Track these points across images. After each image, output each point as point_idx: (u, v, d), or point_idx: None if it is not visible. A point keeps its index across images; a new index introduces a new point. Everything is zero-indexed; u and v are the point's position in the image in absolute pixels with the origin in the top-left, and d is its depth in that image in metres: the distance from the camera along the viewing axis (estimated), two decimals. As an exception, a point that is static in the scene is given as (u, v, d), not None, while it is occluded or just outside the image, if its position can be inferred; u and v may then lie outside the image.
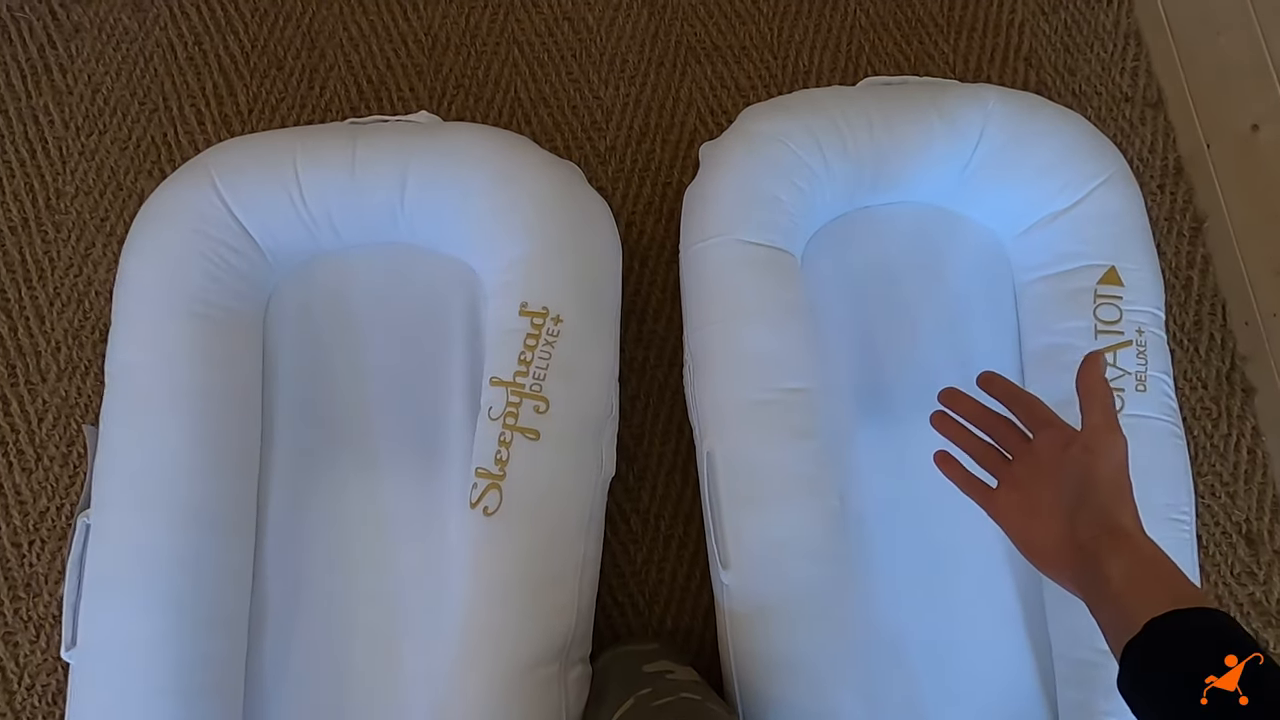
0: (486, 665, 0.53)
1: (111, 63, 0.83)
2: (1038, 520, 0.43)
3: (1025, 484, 0.45)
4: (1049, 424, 0.46)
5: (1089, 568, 0.40)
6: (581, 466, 0.60)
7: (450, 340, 0.68)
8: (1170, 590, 0.38)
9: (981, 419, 0.50)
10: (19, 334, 0.76)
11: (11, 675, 0.68)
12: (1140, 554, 0.40)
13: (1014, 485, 0.46)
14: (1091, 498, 0.42)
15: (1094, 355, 0.46)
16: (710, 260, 0.64)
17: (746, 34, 0.87)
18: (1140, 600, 0.37)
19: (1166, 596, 0.37)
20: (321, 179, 0.64)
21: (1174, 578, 0.39)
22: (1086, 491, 0.42)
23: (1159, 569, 0.39)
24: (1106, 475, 0.43)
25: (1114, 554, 0.39)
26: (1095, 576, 0.40)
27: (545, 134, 0.83)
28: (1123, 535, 0.40)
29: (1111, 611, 0.39)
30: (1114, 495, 0.42)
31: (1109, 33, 0.88)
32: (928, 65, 0.86)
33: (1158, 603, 0.37)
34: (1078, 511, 0.42)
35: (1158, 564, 0.40)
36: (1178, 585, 0.38)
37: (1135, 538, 0.41)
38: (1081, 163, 0.66)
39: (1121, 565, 0.39)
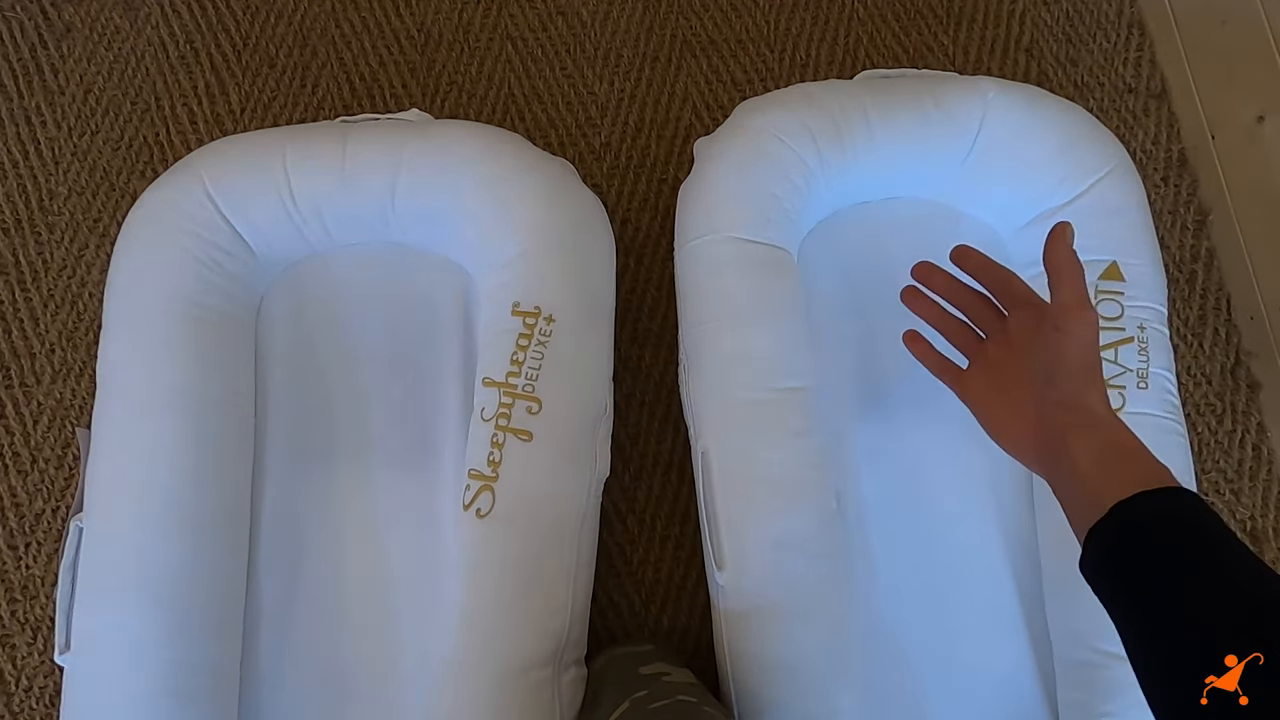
0: (480, 669, 0.53)
1: (103, 62, 0.83)
2: (1005, 400, 0.42)
3: (997, 364, 0.43)
4: (1025, 302, 0.43)
5: (1055, 449, 0.39)
6: (575, 467, 0.59)
7: (443, 340, 0.67)
8: (1137, 471, 0.36)
9: (956, 295, 0.47)
10: (13, 336, 0.76)
11: (9, 678, 0.68)
12: (1107, 435, 0.38)
13: (985, 365, 0.44)
14: (1060, 378, 0.41)
15: (1060, 226, 0.43)
16: (704, 258, 0.64)
17: (743, 27, 0.86)
18: (1106, 482, 0.36)
19: (1133, 477, 0.36)
20: (311, 178, 0.64)
21: (1141, 457, 0.37)
22: (1055, 371, 0.41)
23: (1126, 449, 0.38)
24: (1075, 355, 0.41)
25: (1080, 435, 0.38)
26: (1061, 458, 0.38)
27: (539, 130, 0.82)
28: (1090, 416, 0.39)
29: (1077, 492, 0.37)
30: (1083, 376, 0.41)
31: (1111, 22, 0.86)
32: (926, 57, 0.85)
33: (1124, 484, 0.35)
34: (1046, 392, 0.41)
35: (1124, 444, 0.38)
36: (1144, 465, 0.37)
37: (1103, 418, 0.39)
38: (1083, 156, 0.65)
39: (1088, 446, 0.38)
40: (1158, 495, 0.35)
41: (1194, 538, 0.34)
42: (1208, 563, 0.33)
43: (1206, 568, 0.33)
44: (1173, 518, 0.34)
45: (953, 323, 0.47)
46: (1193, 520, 0.34)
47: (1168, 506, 0.35)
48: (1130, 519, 0.35)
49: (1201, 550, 0.33)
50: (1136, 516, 0.35)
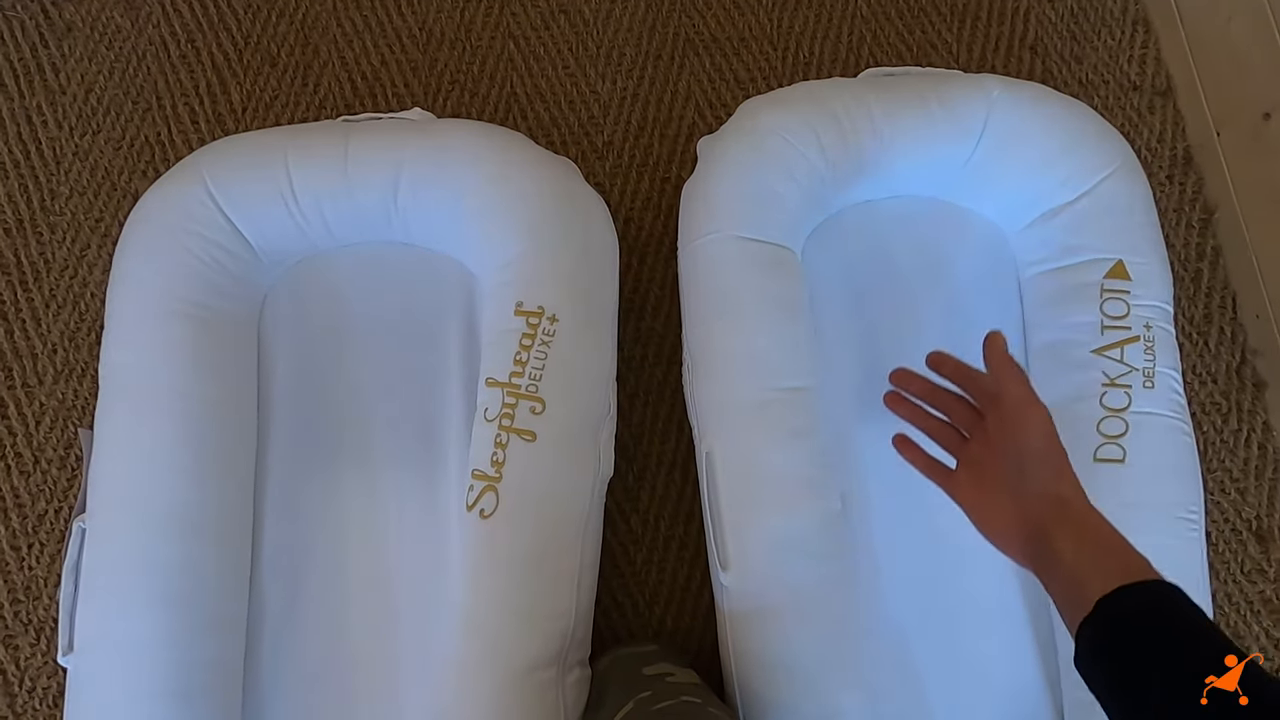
0: (484, 670, 0.53)
1: (104, 61, 0.83)
2: (989, 497, 0.44)
3: (979, 462, 0.45)
4: (994, 398, 0.45)
5: (1038, 543, 0.40)
6: (579, 467, 0.59)
7: (446, 340, 0.67)
8: (1118, 563, 0.37)
9: (935, 398, 0.49)
10: (15, 337, 0.75)
11: (13, 678, 0.68)
12: (1085, 525, 0.40)
13: (969, 464, 0.46)
14: (1029, 471, 0.42)
15: (992, 334, 0.46)
16: (708, 257, 0.63)
17: (745, 25, 0.85)
18: (1089, 576, 0.37)
19: (1115, 570, 0.37)
20: (314, 178, 0.63)
21: (1119, 549, 0.39)
22: (1024, 466, 0.43)
23: (1104, 540, 0.39)
24: (1036, 447, 0.43)
25: (1060, 528, 0.39)
26: (1044, 552, 0.40)
27: (542, 129, 0.82)
28: (1066, 507, 0.40)
29: (1063, 587, 0.39)
30: (1048, 466, 0.42)
31: (1116, 19, 0.86)
32: (930, 55, 0.85)
33: (1106, 577, 0.36)
34: (1020, 487, 0.42)
35: (1102, 535, 0.39)
36: (1124, 557, 0.38)
37: (1078, 508, 0.41)
38: (1088, 154, 0.65)
39: (1068, 539, 0.39)
40: (1139, 589, 0.36)
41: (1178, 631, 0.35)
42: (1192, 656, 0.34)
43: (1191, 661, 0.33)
44: (1154, 610, 0.36)
45: (935, 423, 0.49)
46: (1173, 612, 0.36)
47: (1150, 600, 0.36)
48: (1116, 614, 0.36)
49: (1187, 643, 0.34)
50: (1122, 612, 0.36)
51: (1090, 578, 0.37)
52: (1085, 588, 0.37)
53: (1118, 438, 0.60)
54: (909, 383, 0.50)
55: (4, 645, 0.68)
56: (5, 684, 0.68)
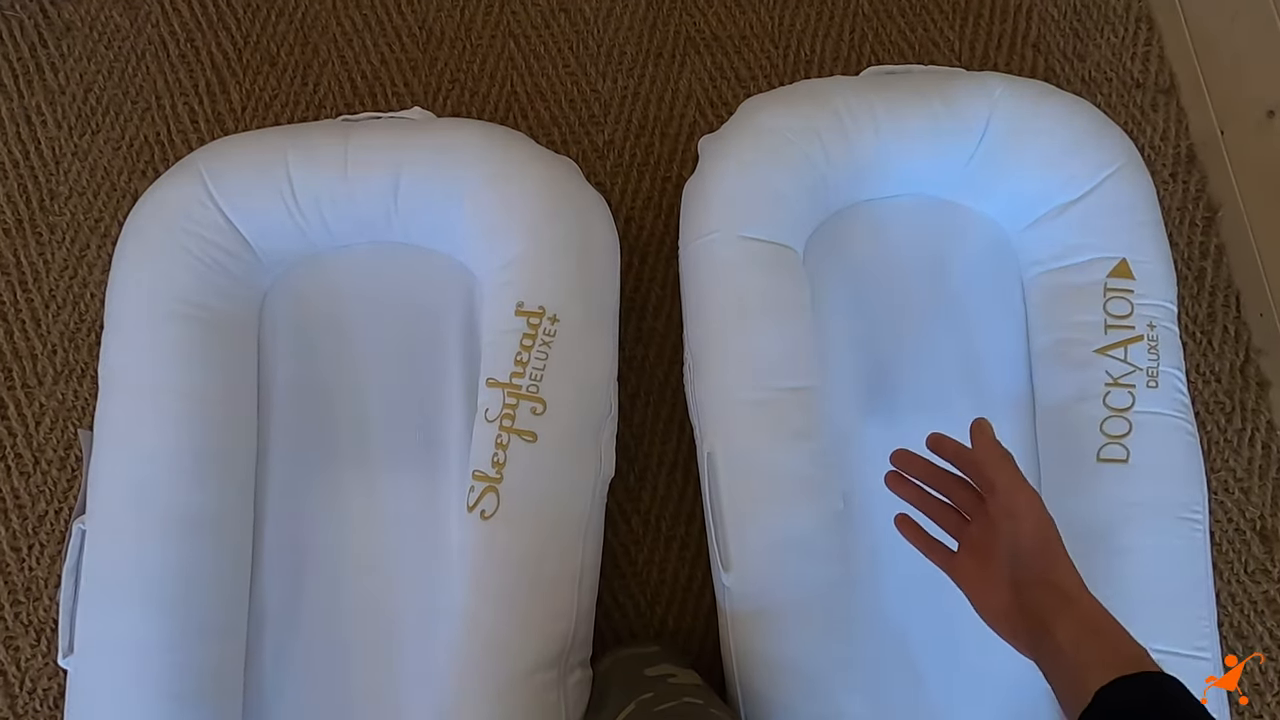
0: (485, 672, 0.53)
1: (103, 61, 0.82)
2: (989, 583, 0.43)
3: (980, 546, 0.45)
4: (992, 488, 0.45)
5: (1036, 631, 0.41)
6: (580, 468, 0.59)
7: (446, 340, 0.67)
8: (1117, 653, 0.38)
9: (935, 480, 0.49)
10: (15, 337, 0.75)
11: (13, 679, 0.68)
12: (1083, 616, 0.40)
13: (970, 547, 0.46)
14: (1025, 559, 0.42)
15: (977, 423, 0.46)
16: (709, 256, 0.63)
17: (747, 23, 0.85)
18: (1087, 665, 0.37)
19: (1114, 661, 0.37)
20: (313, 178, 0.63)
21: (1118, 639, 0.39)
22: (1019, 554, 0.43)
23: (1103, 630, 0.39)
24: (1031, 534, 0.43)
25: (1058, 617, 0.40)
26: (1043, 640, 0.40)
27: (542, 128, 0.82)
28: (1063, 595, 0.41)
29: (1062, 677, 0.39)
30: (1044, 555, 0.42)
31: (1120, 17, 0.85)
32: (933, 53, 0.84)
33: (1105, 668, 0.37)
34: (1018, 574, 0.42)
35: (1101, 624, 0.40)
36: (1123, 647, 0.38)
37: (1076, 598, 0.41)
38: (1091, 152, 0.65)
39: (1067, 629, 0.39)
40: (1138, 681, 0.36)
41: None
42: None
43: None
44: (1154, 702, 0.36)
45: (935, 505, 0.49)
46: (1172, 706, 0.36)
47: (1149, 693, 0.36)
48: (1115, 707, 0.36)
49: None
50: (1121, 704, 0.36)
51: (1089, 668, 0.37)
52: (1084, 679, 0.37)
53: (1121, 437, 0.60)
54: (909, 464, 0.50)
55: (4, 646, 0.68)
56: (6, 685, 0.68)
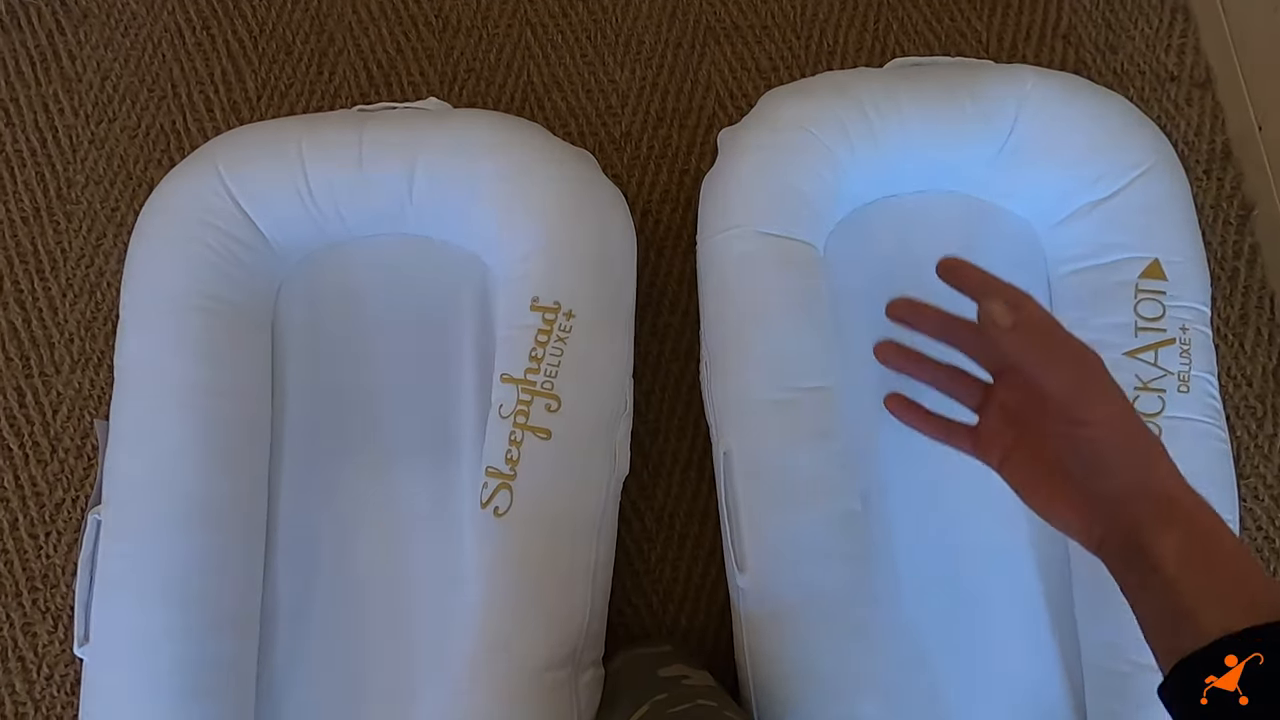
0: (497, 670, 0.52)
1: (120, 49, 0.82)
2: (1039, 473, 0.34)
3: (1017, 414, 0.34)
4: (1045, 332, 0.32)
5: (1126, 546, 0.31)
6: (595, 466, 0.58)
7: (460, 334, 0.66)
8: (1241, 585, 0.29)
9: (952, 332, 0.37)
10: (32, 325, 0.76)
11: (31, 665, 0.68)
12: (1197, 532, 0.30)
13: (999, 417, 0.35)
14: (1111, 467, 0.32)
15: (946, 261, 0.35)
16: (728, 252, 0.62)
17: (768, 12, 0.83)
18: (1201, 601, 0.29)
19: (1241, 601, 0.28)
20: (328, 168, 0.63)
21: (1243, 566, 0.30)
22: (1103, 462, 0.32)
23: (1221, 549, 0.30)
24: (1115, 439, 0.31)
25: (1160, 530, 0.30)
26: (1136, 556, 0.31)
27: (559, 119, 0.81)
28: (1165, 502, 0.31)
29: (1161, 603, 0.30)
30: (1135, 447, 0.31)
31: (1154, 7, 0.83)
32: (959, 44, 0.82)
33: (1226, 604, 0.28)
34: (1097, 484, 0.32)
35: (1217, 540, 0.30)
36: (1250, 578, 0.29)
37: (1182, 503, 0.31)
38: (1124, 148, 0.63)
39: (1171, 547, 0.30)
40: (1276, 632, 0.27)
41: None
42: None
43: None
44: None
45: (945, 371, 0.39)
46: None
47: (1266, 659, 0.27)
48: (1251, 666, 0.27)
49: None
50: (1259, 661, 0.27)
51: (1203, 603, 0.29)
52: (1194, 614, 0.29)
53: (1150, 443, 0.58)
54: (920, 316, 0.37)
55: (22, 633, 0.69)
56: (24, 671, 0.68)
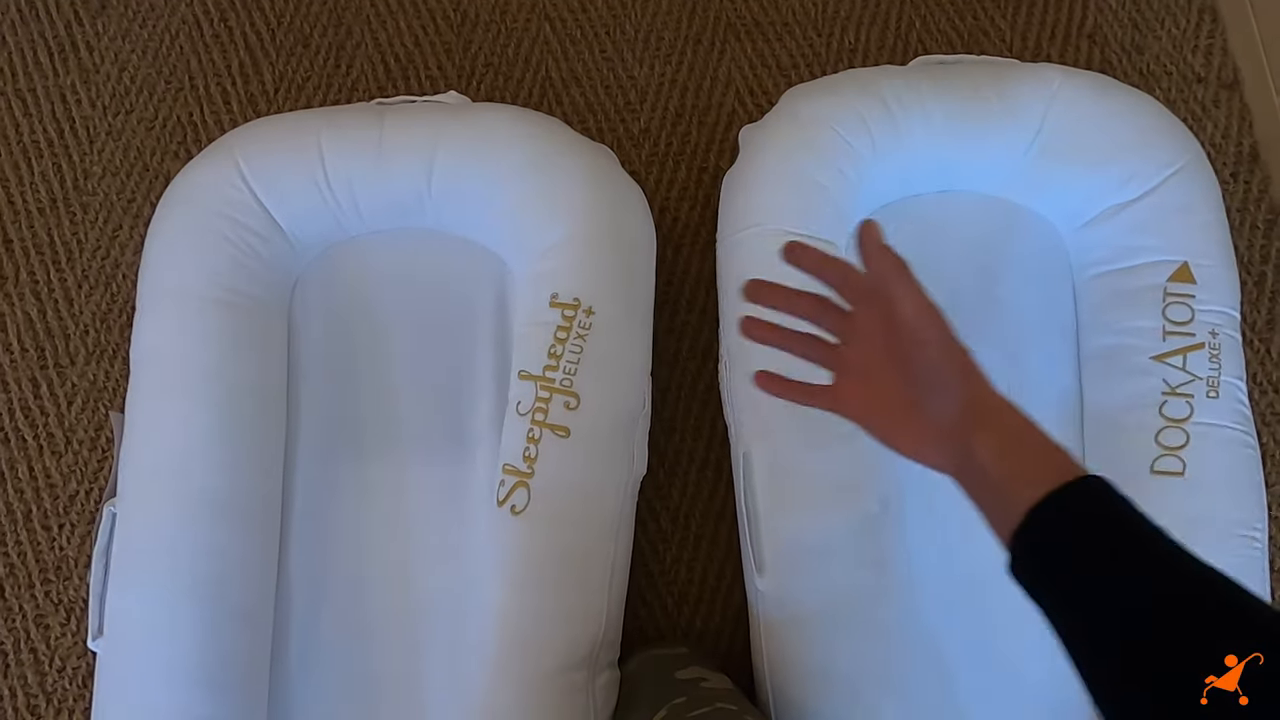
0: (513, 671, 0.52)
1: (138, 40, 0.82)
2: (889, 411, 0.40)
3: (863, 370, 0.41)
4: (869, 294, 0.40)
5: (958, 453, 0.38)
6: (613, 465, 0.58)
7: (477, 330, 0.66)
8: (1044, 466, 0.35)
9: (797, 304, 0.43)
10: (48, 316, 0.75)
11: (43, 657, 0.68)
12: (1005, 428, 0.37)
13: (851, 374, 0.42)
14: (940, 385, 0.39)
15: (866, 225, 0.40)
16: (750, 251, 0.61)
17: (789, 9, 0.82)
18: (1014, 483, 0.35)
19: (1041, 476, 0.35)
20: (347, 162, 0.62)
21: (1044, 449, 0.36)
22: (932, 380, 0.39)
23: (1026, 441, 0.37)
24: (933, 344, 0.39)
25: (979, 435, 0.37)
26: (966, 462, 0.37)
27: (577, 115, 0.80)
28: (981, 411, 0.38)
29: (989, 499, 0.37)
30: (951, 366, 0.39)
31: (1181, 7, 0.82)
32: (983, 42, 0.81)
33: (1033, 484, 0.35)
34: (932, 400, 0.39)
35: (1024, 435, 0.37)
36: (1049, 456, 0.36)
37: (994, 409, 0.38)
38: (1154, 149, 0.62)
39: (989, 447, 0.36)
40: (1067, 493, 0.34)
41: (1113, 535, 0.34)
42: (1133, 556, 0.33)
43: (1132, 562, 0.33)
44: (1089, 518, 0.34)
45: (799, 338, 0.44)
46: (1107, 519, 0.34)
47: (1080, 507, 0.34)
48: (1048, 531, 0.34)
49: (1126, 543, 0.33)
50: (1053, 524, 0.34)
51: (1017, 485, 0.35)
52: (1013, 498, 0.35)
53: (1178, 449, 0.57)
54: (765, 294, 0.43)
55: (35, 624, 0.69)
56: (36, 663, 0.68)
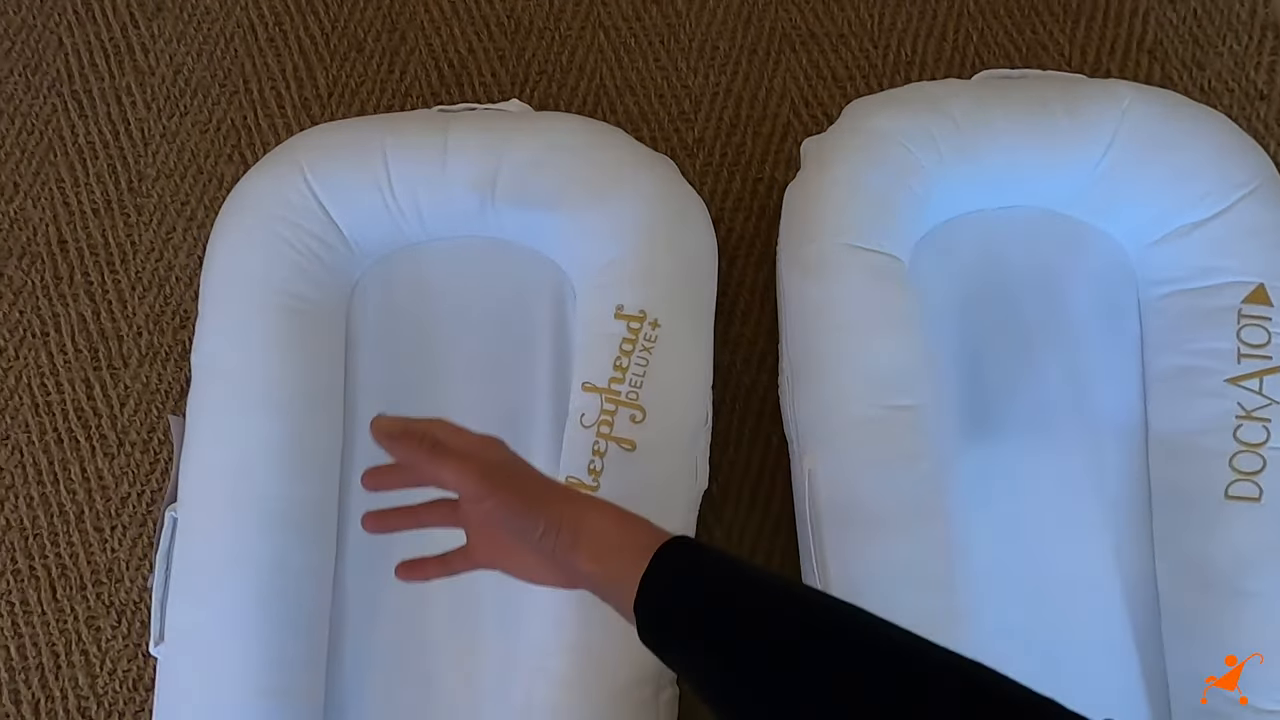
0: (582, 686, 0.51)
1: (193, 43, 0.82)
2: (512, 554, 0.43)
3: (478, 522, 0.43)
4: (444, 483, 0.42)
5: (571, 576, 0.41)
6: (677, 479, 0.57)
7: (535, 339, 0.65)
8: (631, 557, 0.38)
9: (411, 478, 0.44)
10: (101, 317, 0.76)
11: (94, 659, 0.68)
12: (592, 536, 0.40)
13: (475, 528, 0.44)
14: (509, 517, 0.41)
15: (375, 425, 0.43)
16: (815, 265, 0.61)
17: (845, 20, 0.82)
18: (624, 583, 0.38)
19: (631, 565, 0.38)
20: (411, 169, 0.62)
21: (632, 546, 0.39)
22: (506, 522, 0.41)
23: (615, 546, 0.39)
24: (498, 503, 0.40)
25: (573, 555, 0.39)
26: (581, 579, 0.40)
27: (630, 123, 0.80)
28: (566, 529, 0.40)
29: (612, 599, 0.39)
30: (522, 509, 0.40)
31: (1244, 24, 0.81)
32: (1041, 57, 0.80)
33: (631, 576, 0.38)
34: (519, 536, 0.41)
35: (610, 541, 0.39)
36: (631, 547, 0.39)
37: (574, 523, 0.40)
38: (1227, 169, 0.61)
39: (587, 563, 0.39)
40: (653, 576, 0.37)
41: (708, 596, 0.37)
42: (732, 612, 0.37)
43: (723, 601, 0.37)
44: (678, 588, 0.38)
45: (423, 511, 0.46)
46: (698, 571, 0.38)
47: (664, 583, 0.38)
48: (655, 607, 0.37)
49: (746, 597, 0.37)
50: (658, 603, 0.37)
51: (627, 584, 0.38)
52: (624, 593, 0.38)
53: (1254, 474, 0.56)
54: (384, 478, 0.45)
55: (86, 626, 0.69)
56: (87, 665, 0.68)
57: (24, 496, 0.71)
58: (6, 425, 0.73)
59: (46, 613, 0.69)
